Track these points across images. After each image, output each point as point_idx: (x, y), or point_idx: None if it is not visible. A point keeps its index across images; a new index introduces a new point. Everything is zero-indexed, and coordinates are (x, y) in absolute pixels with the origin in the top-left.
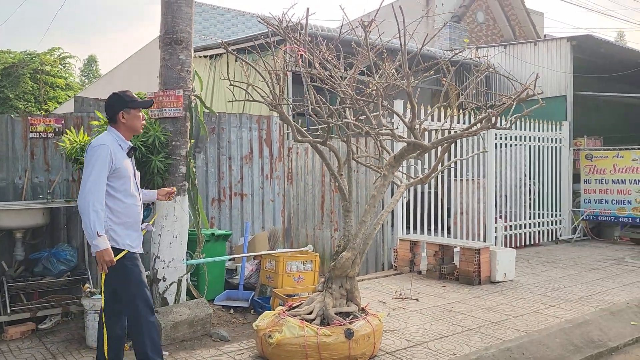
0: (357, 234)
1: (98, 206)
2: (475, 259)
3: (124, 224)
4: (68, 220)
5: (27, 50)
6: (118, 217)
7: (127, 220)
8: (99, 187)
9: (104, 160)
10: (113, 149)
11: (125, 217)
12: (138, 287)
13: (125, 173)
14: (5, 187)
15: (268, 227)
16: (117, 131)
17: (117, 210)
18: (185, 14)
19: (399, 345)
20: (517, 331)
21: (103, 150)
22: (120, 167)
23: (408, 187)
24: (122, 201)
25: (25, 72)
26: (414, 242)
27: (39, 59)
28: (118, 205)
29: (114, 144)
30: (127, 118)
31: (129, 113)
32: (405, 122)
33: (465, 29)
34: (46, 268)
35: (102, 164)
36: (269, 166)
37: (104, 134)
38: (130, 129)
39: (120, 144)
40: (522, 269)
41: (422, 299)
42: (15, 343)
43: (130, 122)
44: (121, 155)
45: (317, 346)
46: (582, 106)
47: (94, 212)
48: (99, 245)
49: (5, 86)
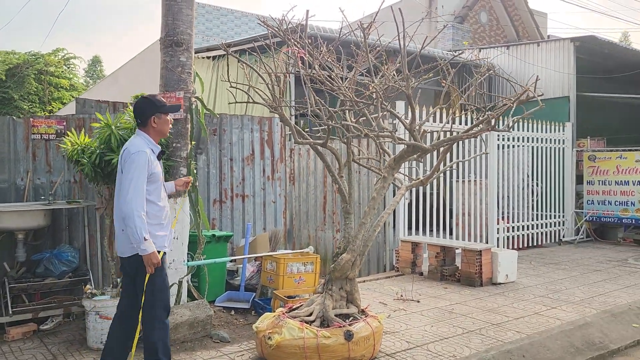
0: (357, 236)
1: (142, 212)
2: (477, 260)
3: (159, 225)
4: (70, 221)
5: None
6: (154, 219)
7: (162, 222)
8: (141, 193)
9: (143, 167)
10: (150, 154)
11: (160, 220)
12: (162, 288)
13: (158, 177)
14: (7, 188)
15: (270, 228)
16: (147, 135)
17: (153, 214)
18: (186, 16)
19: (399, 347)
20: (517, 333)
21: (142, 157)
22: (155, 172)
23: (409, 188)
24: (156, 204)
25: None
26: (416, 244)
27: (44, 60)
28: (153, 209)
29: (148, 149)
30: (157, 122)
31: (160, 118)
32: (404, 124)
33: (468, 30)
34: (48, 269)
35: (142, 170)
36: (271, 167)
37: (137, 139)
38: (160, 133)
39: (152, 148)
40: (524, 271)
41: (423, 301)
42: (17, 344)
43: (161, 127)
44: (154, 159)
45: (317, 348)
46: (585, 107)
47: (139, 218)
48: (147, 249)
49: (10, 87)
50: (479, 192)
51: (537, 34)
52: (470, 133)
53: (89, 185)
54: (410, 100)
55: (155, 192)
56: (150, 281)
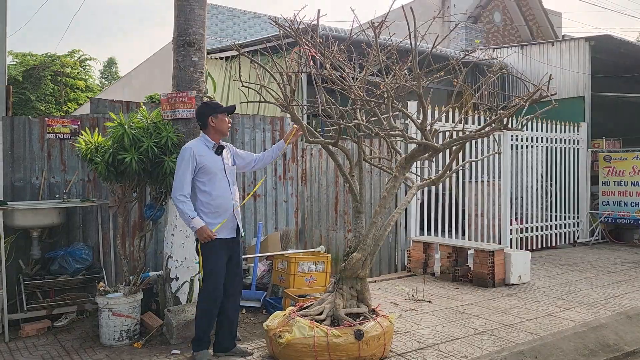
0: (367, 235)
1: (182, 197)
2: (489, 261)
3: (213, 213)
4: (84, 219)
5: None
6: (207, 207)
7: (216, 210)
8: (182, 181)
9: (187, 161)
10: (197, 150)
11: (213, 208)
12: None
13: (211, 170)
14: (22, 187)
15: (281, 228)
16: (206, 135)
17: (206, 202)
18: (198, 16)
19: (410, 347)
20: (530, 334)
21: (186, 152)
22: (205, 164)
23: (420, 188)
24: (210, 194)
25: (46, 74)
26: (428, 244)
27: (60, 61)
28: (206, 198)
29: (199, 145)
30: (215, 122)
31: (217, 117)
32: (415, 123)
33: (482, 30)
34: (62, 266)
35: (185, 163)
36: (282, 167)
37: (193, 140)
38: (218, 131)
39: (207, 144)
40: (537, 272)
41: (435, 301)
42: (31, 340)
43: (218, 125)
44: (208, 154)
45: (327, 347)
46: (601, 107)
47: (181, 203)
48: (195, 225)
49: (27, 88)
50: (492, 192)
51: (551, 34)
52: (481, 132)
53: (103, 184)
54: (422, 99)
55: (210, 183)
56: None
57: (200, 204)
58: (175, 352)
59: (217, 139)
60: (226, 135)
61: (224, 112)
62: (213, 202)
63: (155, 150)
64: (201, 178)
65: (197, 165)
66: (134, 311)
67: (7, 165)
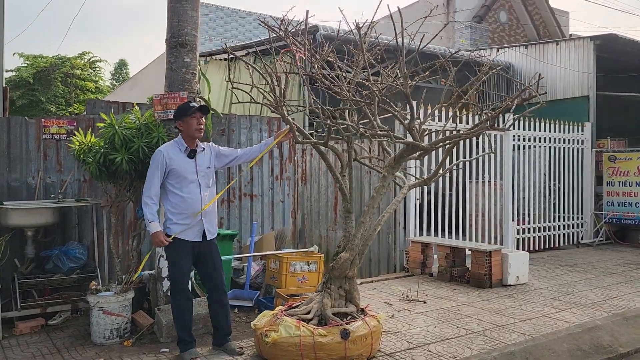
0: (355, 235)
1: (148, 200)
2: (486, 261)
3: (181, 214)
4: (80, 219)
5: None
6: (175, 208)
7: (183, 212)
8: (150, 184)
9: (156, 164)
10: (168, 153)
11: (181, 209)
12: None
13: (181, 173)
14: (18, 187)
15: (278, 228)
16: (180, 138)
17: (175, 203)
18: (191, 17)
19: (399, 347)
20: (522, 335)
21: (156, 156)
22: (175, 167)
23: (411, 188)
24: (179, 196)
25: (56, 75)
26: (426, 244)
27: (70, 63)
28: (175, 199)
29: (171, 149)
30: (183, 126)
31: (183, 121)
32: (402, 123)
33: (487, 30)
34: (56, 265)
35: (155, 166)
36: (279, 167)
37: (168, 142)
38: (188, 134)
39: (179, 148)
40: (537, 272)
41: (429, 301)
42: (24, 338)
43: (186, 129)
44: (179, 158)
45: (313, 346)
46: (606, 107)
47: (145, 204)
48: (150, 229)
49: (38, 89)
50: (494, 193)
51: (558, 33)
52: (470, 132)
53: (98, 184)
54: (409, 98)
55: (180, 185)
56: (168, 263)
57: (169, 205)
58: (164, 350)
59: (192, 142)
60: (198, 137)
61: (192, 115)
62: (182, 204)
63: (146, 151)
64: (171, 180)
65: (167, 168)
66: (124, 310)
67: (4, 166)
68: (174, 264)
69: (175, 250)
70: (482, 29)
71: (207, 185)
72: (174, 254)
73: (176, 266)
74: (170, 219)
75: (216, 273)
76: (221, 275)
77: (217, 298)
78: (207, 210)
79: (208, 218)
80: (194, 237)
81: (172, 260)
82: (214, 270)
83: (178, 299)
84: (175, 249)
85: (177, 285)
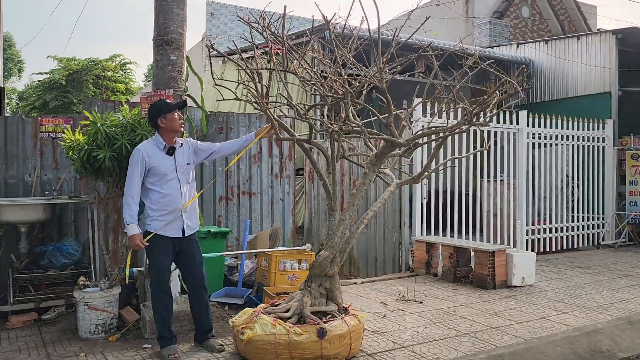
0: (335, 233)
1: (129, 200)
2: (489, 261)
3: (161, 211)
4: (76, 216)
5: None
6: (156, 205)
7: (164, 208)
8: (131, 183)
9: (135, 163)
10: (146, 152)
11: (161, 206)
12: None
13: (160, 170)
14: (15, 184)
15: (273, 226)
16: (159, 135)
17: (155, 200)
18: (177, 15)
19: (383, 347)
20: (515, 337)
21: (135, 154)
22: (154, 165)
23: (399, 185)
24: (158, 193)
25: (88, 78)
26: (431, 244)
27: (101, 66)
28: (155, 196)
29: (149, 147)
30: (165, 122)
31: (166, 117)
32: (380, 118)
33: (507, 25)
34: (51, 261)
35: (134, 165)
36: (279, 165)
37: (147, 140)
38: (170, 130)
39: (158, 145)
40: (547, 274)
41: (427, 302)
42: (15, 331)
43: (168, 125)
44: (158, 155)
45: (288, 344)
46: (630, 103)
47: (126, 205)
48: (128, 231)
49: (70, 91)
50: (507, 192)
51: (584, 29)
52: (448, 128)
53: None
54: (385, 92)
55: (159, 183)
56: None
57: (150, 202)
58: (147, 346)
59: (171, 138)
60: (179, 132)
61: (173, 111)
62: (162, 200)
63: (129, 148)
64: (151, 178)
65: (146, 166)
66: (109, 305)
67: (1, 163)
68: (153, 260)
69: (155, 246)
70: (502, 24)
71: (186, 181)
72: (153, 250)
73: (155, 262)
74: (150, 215)
75: (196, 269)
76: (201, 272)
77: (197, 295)
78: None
79: (188, 214)
80: (174, 234)
81: (152, 256)
82: (194, 267)
83: (157, 295)
84: (154, 245)
85: (157, 281)
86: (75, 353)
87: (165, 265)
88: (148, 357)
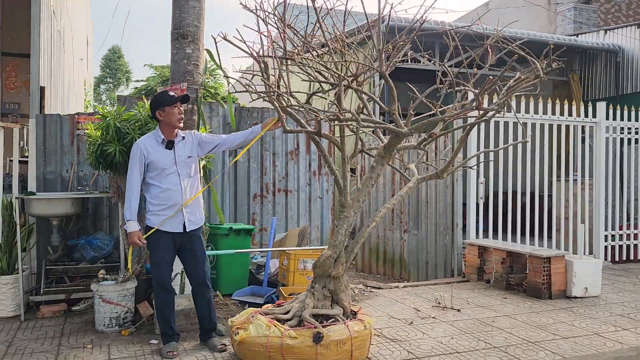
0: (338, 231)
1: (130, 195)
2: (545, 269)
3: (161, 205)
4: (110, 210)
5: None
6: (155, 199)
7: (163, 203)
8: (132, 179)
9: (134, 158)
10: (145, 146)
11: (161, 200)
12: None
13: (159, 164)
14: (54, 179)
15: (315, 225)
16: (159, 129)
17: (155, 195)
18: (192, 8)
19: (395, 357)
20: (552, 354)
21: (134, 149)
22: (153, 159)
23: (420, 181)
24: (158, 187)
25: None
26: (484, 248)
27: None
28: (155, 190)
29: (149, 141)
30: (163, 115)
31: (164, 111)
32: (382, 105)
33: (596, 10)
34: (82, 254)
35: (133, 161)
36: (317, 162)
37: (147, 134)
38: (168, 124)
39: (157, 139)
40: (620, 285)
41: (466, 310)
42: (43, 321)
43: (167, 118)
44: (157, 150)
45: (280, 348)
46: None
47: (127, 201)
48: (127, 227)
49: None
50: (582, 193)
51: None
52: (454, 114)
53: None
54: (387, 79)
55: (159, 177)
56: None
57: (150, 197)
58: (153, 342)
59: (171, 132)
60: (179, 127)
61: (173, 105)
62: (161, 194)
63: None
64: (150, 173)
65: (145, 161)
66: (123, 299)
67: (40, 159)
68: (153, 255)
69: (155, 241)
70: (589, 10)
71: (187, 174)
72: (153, 245)
73: (156, 258)
74: (150, 210)
75: (198, 265)
76: (204, 269)
77: (200, 292)
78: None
79: (189, 209)
80: (174, 229)
81: (152, 251)
82: (196, 263)
83: (159, 291)
84: (155, 240)
85: (158, 278)
86: (85, 345)
87: (165, 261)
88: (150, 352)
